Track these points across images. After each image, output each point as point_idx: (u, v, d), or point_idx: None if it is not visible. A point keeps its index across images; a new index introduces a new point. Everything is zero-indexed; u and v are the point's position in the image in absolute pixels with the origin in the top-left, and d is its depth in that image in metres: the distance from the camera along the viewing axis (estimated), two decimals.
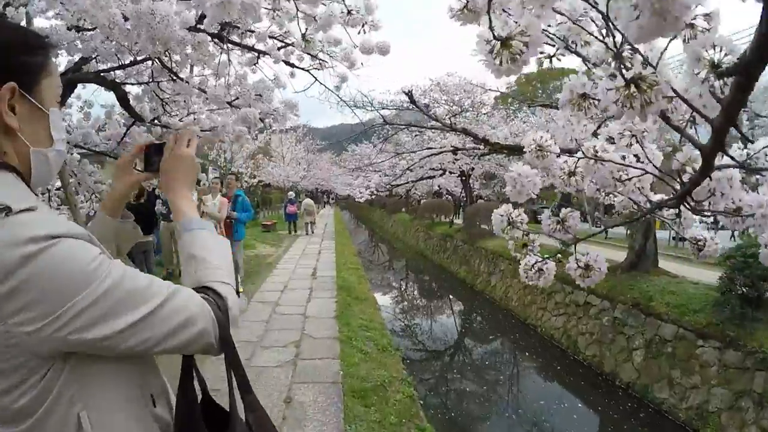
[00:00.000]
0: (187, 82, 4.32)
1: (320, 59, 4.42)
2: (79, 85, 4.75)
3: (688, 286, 7.41)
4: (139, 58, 5.22)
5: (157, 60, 4.78)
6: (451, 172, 20.80)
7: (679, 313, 6.58)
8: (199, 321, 0.90)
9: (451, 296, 15.11)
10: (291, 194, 21.96)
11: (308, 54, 4.45)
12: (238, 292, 1.13)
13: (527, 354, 9.27)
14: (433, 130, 14.17)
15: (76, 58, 5.81)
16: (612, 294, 8.07)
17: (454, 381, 7.60)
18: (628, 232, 20.84)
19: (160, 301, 0.85)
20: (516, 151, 11.60)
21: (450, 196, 31.68)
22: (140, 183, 1.33)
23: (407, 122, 10.12)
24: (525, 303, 10.90)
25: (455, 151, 13.02)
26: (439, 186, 30.14)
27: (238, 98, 4.59)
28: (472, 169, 20.43)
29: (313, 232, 21.04)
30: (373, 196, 13.46)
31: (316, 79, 5.02)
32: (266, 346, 5.73)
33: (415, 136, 16.24)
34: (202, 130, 5.77)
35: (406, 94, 8.61)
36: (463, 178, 21.34)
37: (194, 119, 5.66)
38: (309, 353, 5.42)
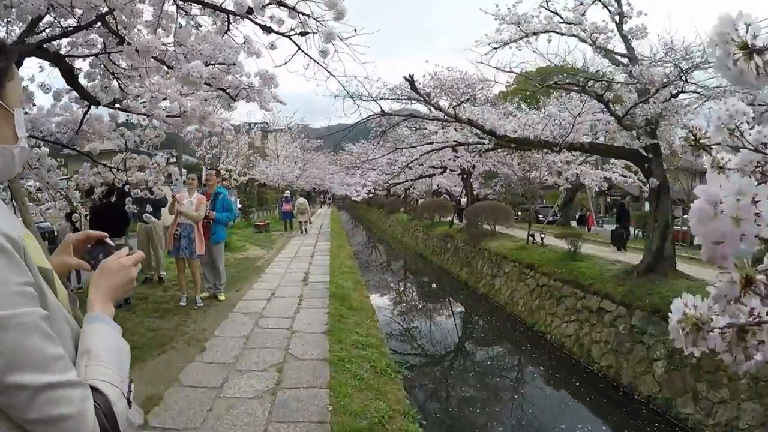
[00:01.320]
0: (137, 50, 3.44)
1: (300, 13, 3.54)
2: (36, 68, 3.92)
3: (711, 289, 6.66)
4: (83, 23, 4.27)
5: (101, 23, 3.87)
6: (451, 170, 20.05)
7: None
8: (79, 425, 0.81)
9: (452, 300, 14.43)
10: (287, 193, 22.30)
11: (285, 6, 3.57)
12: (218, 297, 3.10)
13: (537, 364, 8.64)
14: (435, 124, 13.36)
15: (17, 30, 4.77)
16: (628, 299, 7.56)
17: (461, 402, 6.73)
18: (639, 232, 20.43)
19: (55, 380, 0.80)
20: (526, 144, 10.75)
21: (448, 196, 31.05)
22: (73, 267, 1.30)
23: (407, 113, 9.25)
24: (532, 308, 10.37)
25: (458, 146, 12.18)
26: (438, 185, 29.53)
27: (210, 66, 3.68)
28: (473, 167, 19.66)
29: (306, 232, 20.82)
30: (371, 195, 12.66)
31: (299, 48, 4.14)
32: (243, 370, 4.82)
33: (416, 130, 15.45)
34: (169, 116, 4.90)
35: (407, 79, 7.74)
36: (464, 176, 20.54)
37: (164, 108, 4.81)
38: (292, 380, 4.51)
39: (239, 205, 27.14)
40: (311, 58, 3.89)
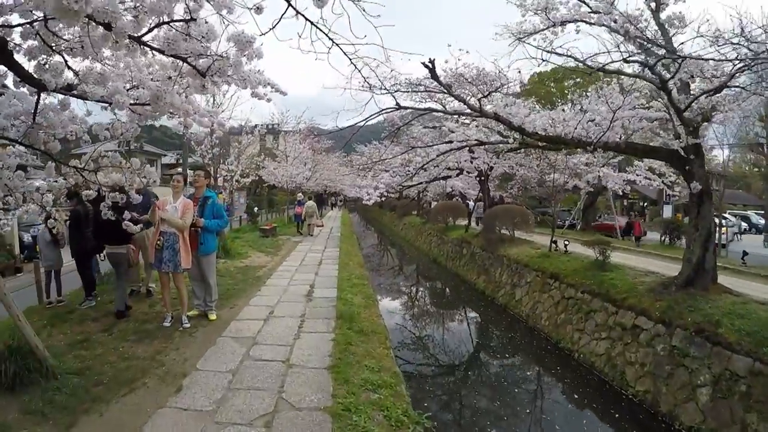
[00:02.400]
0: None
1: None
2: None
3: (757, 307, 6.48)
4: None
5: None
6: (468, 173, 18.97)
7: (753, 342, 5.64)
8: None
9: (470, 312, 13.46)
10: (300, 196, 22.64)
11: None
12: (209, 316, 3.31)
13: (564, 386, 7.81)
14: (453, 120, 12.35)
15: None
16: (668, 316, 6.97)
17: None
18: (666, 238, 19.28)
19: None
20: (557, 143, 9.63)
21: (460, 198, 30.02)
22: None
23: (425, 108, 8.21)
24: (557, 322, 9.72)
25: (478, 145, 11.11)
26: (451, 187, 28.51)
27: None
28: (491, 168, 18.61)
29: (312, 234, 20.78)
30: (383, 198, 11.64)
31: (289, 4, 3.12)
32: (222, 423, 3.79)
33: (432, 129, 14.45)
34: (135, 104, 3.92)
35: (427, 66, 6.68)
36: (481, 178, 19.45)
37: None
38: None
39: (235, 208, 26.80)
40: (305, 18, 2.87)
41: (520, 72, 11.45)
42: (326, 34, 2.99)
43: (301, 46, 3.17)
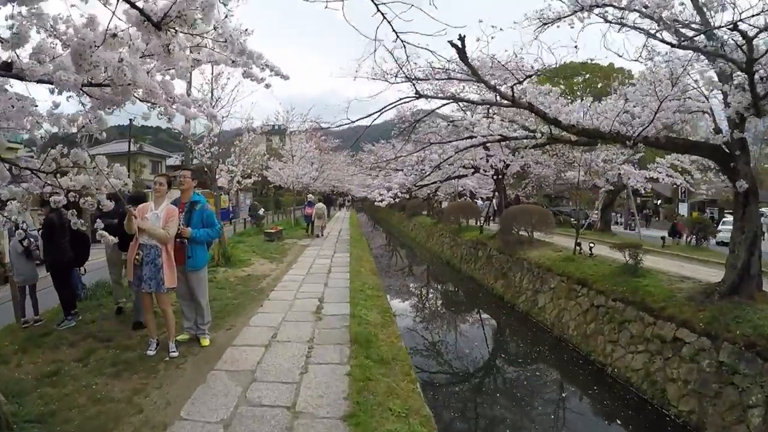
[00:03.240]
0: None
1: None
2: None
3: None
4: None
5: None
6: (484, 172, 17.95)
7: None
8: None
9: (490, 320, 12.71)
10: (310, 197, 22.53)
11: None
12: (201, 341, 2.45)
13: (600, 405, 7.19)
14: (479, 110, 11.37)
15: None
16: (713, 328, 6.37)
17: None
18: (693, 239, 18.25)
19: None
20: (594, 138, 8.57)
21: (469, 198, 29.00)
22: None
23: (448, 97, 7.18)
24: (587, 333, 9.04)
25: (503, 141, 10.07)
26: (462, 187, 27.54)
27: None
28: (507, 166, 17.61)
29: (320, 235, 20.83)
30: (396, 199, 10.65)
31: None
32: None
33: (451, 123, 13.45)
34: (89, 85, 3.00)
35: (455, 45, 5.65)
36: (497, 177, 18.42)
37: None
38: None
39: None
40: None
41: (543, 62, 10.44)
42: None
43: None
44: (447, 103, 8.06)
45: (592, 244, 12.39)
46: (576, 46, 7.01)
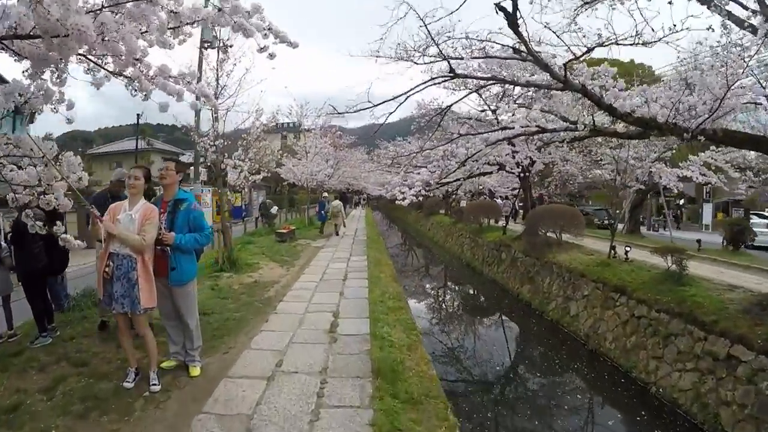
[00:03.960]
0: None
1: None
2: None
3: None
4: None
5: None
6: (510, 169, 16.80)
7: None
8: None
9: (519, 330, 11.77)
10: (325, 195, 22.38)
11: None
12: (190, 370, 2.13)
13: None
14: (503, 107, 10.25)
15: None
16: None
17: None
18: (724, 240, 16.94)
19: None
20: (651, 128, 7.37)
21: (487, 197, 27.80)
22: None
23: (488, 78, 6.08)
24: (627, 346, 8.27)
25: (540, 133, 8.97)
26: (481, 185, 26.39)
27: None
28: (532, 163, 16.44)
29: (338, 234, 20.12)
30: (419, 197, 9.63)
31: None
32: None
33: (482, 112, 12.36)
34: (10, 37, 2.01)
35: (503, 9, 4.55)
36: (522, 174, 17.22)
37: None
38: None
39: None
40: None
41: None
42: None
43: None
44: (489, 83, 6.98)
45: (628, 248, 11.36)
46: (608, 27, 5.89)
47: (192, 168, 12.00)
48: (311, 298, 8.11)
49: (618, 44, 5.47)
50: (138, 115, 26.85)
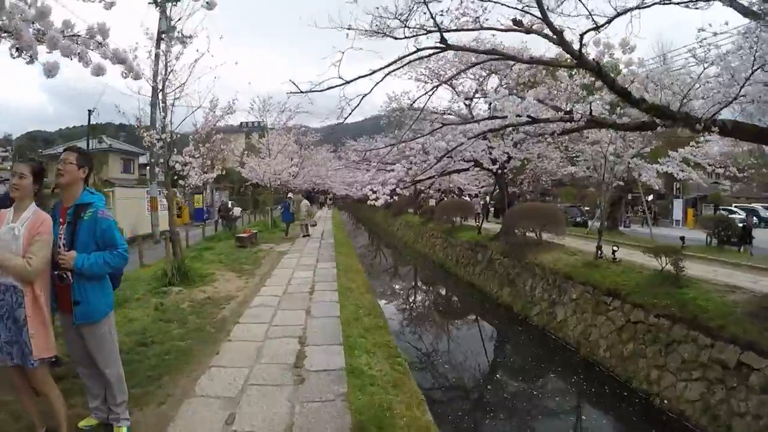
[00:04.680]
0: None
1: None
2: None
3: None
4: None
5: None
6: (486, 166, 15.91)
7: None
8: None
9: (502, 336, 11.11)
10: (291, 195, 20.66)
11: None
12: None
13: None
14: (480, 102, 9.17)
15: None
16: None
17: None
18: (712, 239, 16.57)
19: None
20: (665, 117, 6.35)
21: (456, 195, 27.01)
22: None
23: (487, 51, 5.04)
24: (624, 354, 7.73)
25: (532, 123, 8.03)
26: (450, 182, 25.61)
27: None
28: (508, 159, 15.60)
29: (308, 234, 19.27)
30: (394, 197, 8.60)
31: None
32: None
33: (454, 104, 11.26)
34: None
35: None
36: (498, 171, 16.36)
37: None
38: None
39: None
40: None
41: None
42: None
43: None
44: (492, 58, 5.88)
45: (615, 248, 10.81)
46: None
47: (148, 168, 10.61)
48: (273, 318, 6.83)
49: (665, 3, 4.47)
50: (89, 111, 24.74)
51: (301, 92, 4.70)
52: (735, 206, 32.00)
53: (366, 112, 16.16)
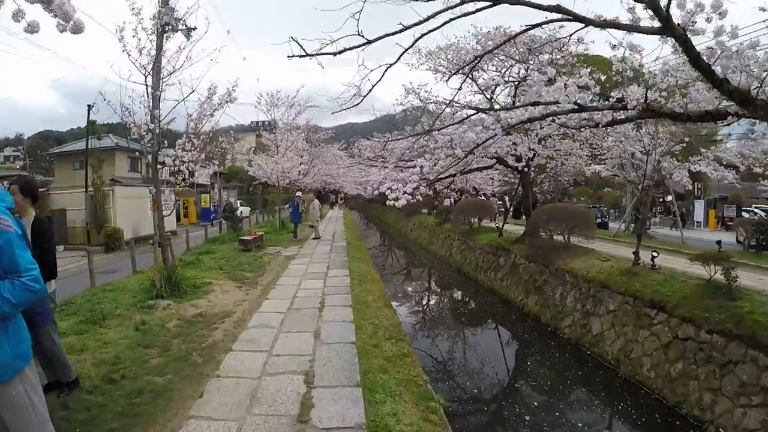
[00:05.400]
0: None
1: None
2: None
3: None
4: None
5: None
6: (512, 163, 14.65)
7: None
8: None
9: (533, 351, 9.88)
10: (299, 194, 19.83)
11: None
12: None
13: None
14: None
15: None
16: None
17: None
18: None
19: None
20: (746, 105, 5.13)
21: (468, 195, 25.79)
22: None
23: (552, 6, 3.84)
24: (671, 375, 6.91)
25: (577, 111, 6.83)
26: (467, 182, 24.44)
27: None
28: (533, 156, 14.39)
29: (319, 237, 18.21)
30: (419, 197, 7.42)
31: None
32: None
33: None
34: None
35: None
36: (523, 169, 15.11)
37: None
38: None
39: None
40: None
41: None
42: None
43: None
44: (512, 37, 4.75)
45: (655, 253, 9.64)
46: None
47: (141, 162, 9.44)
48: (273, 343, 5.60)
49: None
50: (89, 106, 23.55)
51: (307, 55, 3.57)
52: (755, 207, 30.53)
53: (377, 109, 14.98)
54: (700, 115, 6.46)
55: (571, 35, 5.92)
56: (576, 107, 6.52)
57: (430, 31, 3.74)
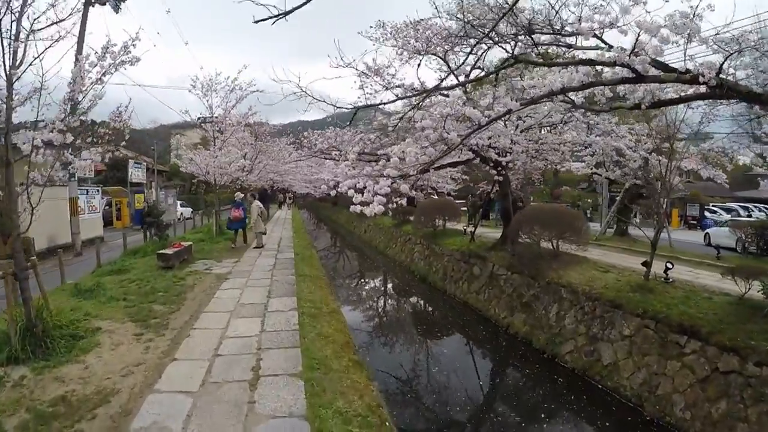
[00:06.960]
0: None
1: None
2: None
3: None
4: None
5: None
6: (486, 160, 12.66)
7: None
8: None
9: (527, 386, 8.19)
10: (239, 195, 17.18)
11: None
12: None
13: None
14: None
15: None
16: None
17: None
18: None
19: None
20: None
21: (421, 193, 23.93)
22: None
23: None
24: (713, 417, 5.73)
25: (592, 86, 4.82)
26: (424, 180, 22.58)
27: None
28: (509, 150, 12.51)
29: (262, 245, 16.16)
30: (397, 202, 5.14)
31: None
32: None
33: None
34: None
35: None
36: (508, 164, 13.21)
37: None
38: None
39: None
40: None
41: None
42: None
43: None
44: None
45: (669, 264, 8.39)
46: None
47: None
48: None
49: None
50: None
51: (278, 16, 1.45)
52: (713, 206, 30.43)
53: (329, 108, 12.66)
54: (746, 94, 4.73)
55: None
56: (635, 76, 4.51)
57: None
